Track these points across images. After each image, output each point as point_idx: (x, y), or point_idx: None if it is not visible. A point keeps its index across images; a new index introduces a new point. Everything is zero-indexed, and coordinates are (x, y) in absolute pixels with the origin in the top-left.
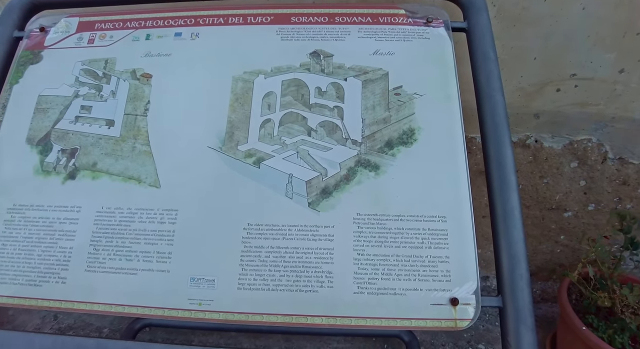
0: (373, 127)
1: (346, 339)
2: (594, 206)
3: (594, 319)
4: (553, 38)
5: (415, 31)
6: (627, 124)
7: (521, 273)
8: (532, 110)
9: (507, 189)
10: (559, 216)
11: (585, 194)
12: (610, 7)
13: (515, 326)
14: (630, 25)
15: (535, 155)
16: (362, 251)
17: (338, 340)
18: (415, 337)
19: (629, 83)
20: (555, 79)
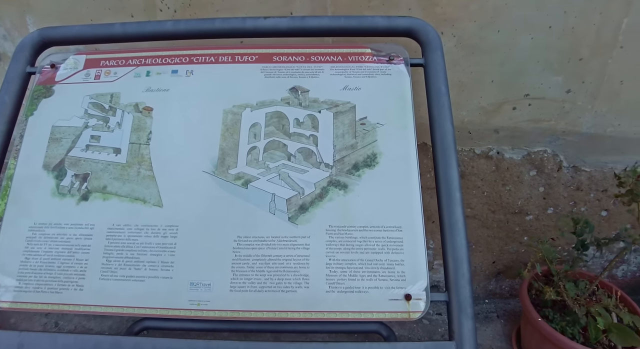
0: (342, 152)
1: (330, 336)
2: (552, 209)
3: (550, 312)
4: (507, 63)
5: (379, 68)
6: (576, 137)
7: (463, 273)
8: (492, 126)
9: (452, 204)
10: (522, 219)
11: (544, 199)
12: (555, 36)
13: (458, 316)
14: (573, 52)
15: (497, 165)
16: (332, 256)
17: (322, 337)
18: (393, 332)
19: (576, 101)
20: (511, 99)
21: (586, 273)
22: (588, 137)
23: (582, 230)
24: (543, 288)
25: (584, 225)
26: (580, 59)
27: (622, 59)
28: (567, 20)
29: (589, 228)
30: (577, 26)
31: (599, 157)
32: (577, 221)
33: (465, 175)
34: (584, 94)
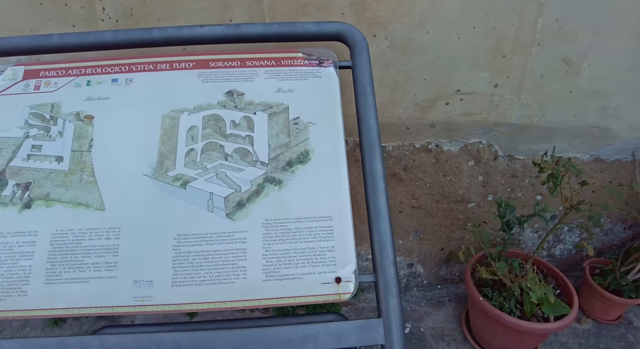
0: (277, 150)
1: None
2: (492, 196)
3: (490, 291)
4: (437, 62)
5: (310, 71)
6: (507, 127)
7: (388, 255)
8: (429, 121)
9: (377, 193)
10: (464, 207)
11: (484, 187)
12: (480, 36)
13: (385, 295)
14: (497, 50)
15: (437, 157)
16: (269, 248)
17: None
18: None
19: (503, 95)
20: (443, 95)
21: (522, 253)
22: (517, 128)
23: (504, 212)
24: (479, 269)
25: (505, 207)
26: (504, 55)
27: (541, 55)
28: (488, 21)
29: (509, 210)
30: (498, 26)
31: (529, 145)
32: (500, 204)
33: (408, 168)
34: (510, 88)
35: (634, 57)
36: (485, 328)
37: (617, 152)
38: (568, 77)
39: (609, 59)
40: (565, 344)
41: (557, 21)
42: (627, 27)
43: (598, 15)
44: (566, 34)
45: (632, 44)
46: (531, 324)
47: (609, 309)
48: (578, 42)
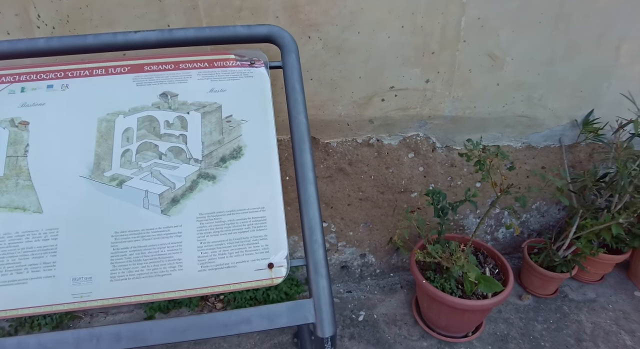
0: (210, 147)
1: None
2: (433, 185)
3: (432, 273)
4: (371, 61)
5: (242, 72)
6: (441, 120)
7: (316, 239)
8: (367, 117)
9: (306, 182)
10: (408, 197)
11: (425, 177)
12: (408, 35)
13: (314, 277)
14: (425, 47)
15: (378, 151)
16: (203, 240)
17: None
18: None
19: (435, 89)
20: (379, 92)
21: (462, 236)
22: (451, 120)
23: (437, 200)
24: (419, 253)
25: (436, 196)
26: (433, 52)
27: (467, 51)
28: (415, 21)
29: (441, 197)
30: (425, 25)
31: (465, 135)
32: (428, 194)
33: (352, 162)
34: (440, 83)
35: (551, 51)
36: (431, 309)
37: (546, 139)
38: (494, 71)
39: (529, 53)
40: (508, 320)
41: (479, 19)
42: (542, 24)
43: (515, 13)
44: (488, 30)
45: (548, 39)
46: (468, 302)
47: (546, 284)
48: (500, 37)
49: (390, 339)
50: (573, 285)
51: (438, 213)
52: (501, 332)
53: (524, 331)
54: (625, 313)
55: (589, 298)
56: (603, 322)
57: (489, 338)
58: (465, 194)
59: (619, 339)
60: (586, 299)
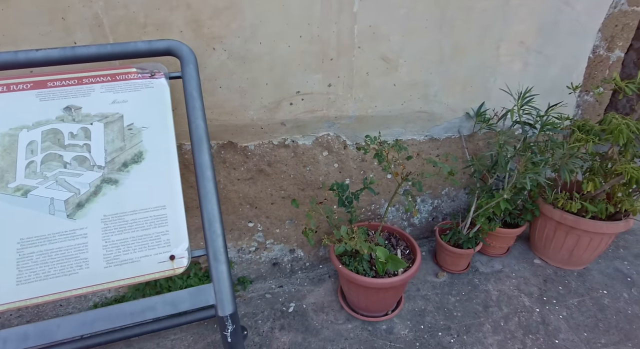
0: (113, 154)
1: (182, 329)
2: (349, 180)
3: (347, 259)
4: (275, 68)
5: (143, 83)
6: (347, 120)
7: (215, 230)
8: (278, 120)
9: (205, 179)
10: (327, 192)
11: (340, 172)
12: (307, 43)
13: (214, 263)
14: (324, 54)
15: (295, 151)
16: (108, 239)
17: (175, 332)
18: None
19: (337, 92)
20: (286, 97)
21: (375, 224)
22: (356, 119)
23: (341, 191)
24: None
25: (339, 188)
26: (331, 58)
27: (363, 56)
28: (312, 30)
29: (343, 188)
30: (321, 34)
31: (372, 132)
32: (336, 186)
33: (271, 163)
34: (342, 86)
35: (439, 52)
36: (350, 292)
37: (446, 130)
38: (389, 73)
39: (420, 55)
40: (426, 296)
41: (371, 27)
42: (428, 29)
43: (403, 20)
44: (380, 36)
45: (435, 41)
46: (378, 280)
47: (457, 260)
48: (391, 42)
49: (318, 325)
50: (483, 260)
51: (343, 203)
52: (419, 308)
53: (439, 304)
54: (525, 279)
55: (496, 269)
56: (507, 289)
57: (408, 314)
58: (364, 182)
59: (519, 301)
60: (494, 271)
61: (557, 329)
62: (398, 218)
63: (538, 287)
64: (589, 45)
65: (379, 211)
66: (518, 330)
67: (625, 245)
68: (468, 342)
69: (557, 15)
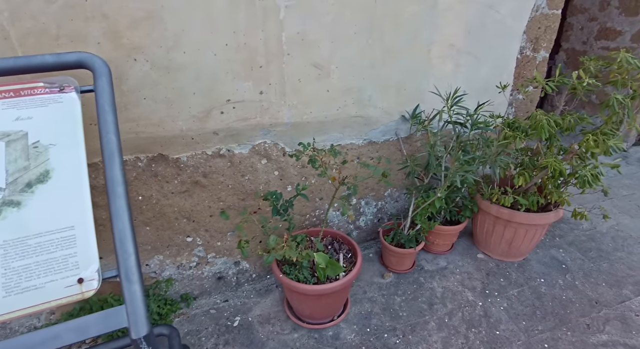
0: (15, 174)
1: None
2: (290, 187)
3: (288, 267)
4: (202, 77)
5: (51, 98)
6: (283, 127)
7: (127, 249)
8: (210, 130)
9: (116, 196)
10: (263, 202)
11: (281, 180)
12: (233, 51)
13: (126, 284)
14: (252, 62)
15: (231, 161)
16: (8, 266)
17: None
18: (174, 329)
19: (270, 99)
20: (216, 106)
21: (318, 230)
22: (292, 126)
23: (276, 199)
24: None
25: (272, 196)
26: (261, 66)
27: (293, 63)
28: (238, 38)
29: (276, 197)
30: (247, 42)
31: (309, 139)
32: (270, 194)
33: (207, 174)
34: (274, 93)
35: (371, 57)
36: (294, 301)
37: (384, 134)
38: (322, 79)
39: (351, 61)
40: (372, 298)
41: (299, 34)
42: (358, 34)
43: (331, 26)
44: (309, 43)
45: (366, 47)
46: (316, 287)
47: (401, 260)
48: (321, 49)
49: (264, 337)
50: (428, 257)
51: (277, 211)
52: (365, 310)
53: (386, 305)
54: (469, 274)
55: (441, 266)
56: (451, 285)
57: (354, 318)
58: (297, 189)
59: (463, 296)
60: (439, 268)
61: (498, 321)
62: (344, 222)
63: (481, 281)
64: (516, 46)
65: (323, 215)
66: (462, 325)
67: (561, 234)
68: (413, 341)
69: (483, 19)
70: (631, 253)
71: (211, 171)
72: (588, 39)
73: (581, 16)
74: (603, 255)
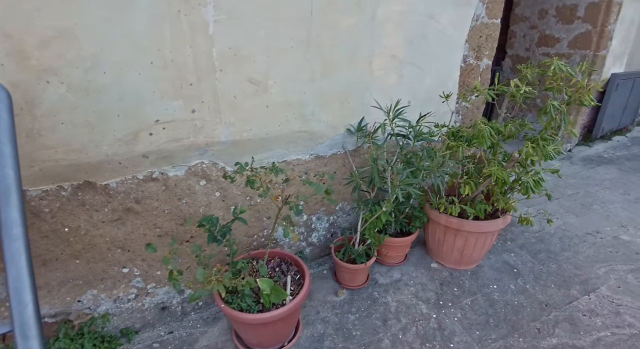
0: None
1: None
2: (234, 207)
3: (229, 296)
4: (126, 98)
5: None
6: (221, 145)
7: (23, 300)
8: (139, 153)
9: (11, 239)
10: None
11: (224, 201)
12: (160, 69)
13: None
14: (182, 79)
15: (166, 184)
16: None
17: None
18: None
19: (204, 118)
20: (144, 127)
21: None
22: (232, 144)
23: (211, 225)
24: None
25: (208, 221)
26: (191, 84)
27: (226, 79)
28: (164, 56)
29: (212, 222)
30: (175, 59)
31: (251, 157)
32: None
33: (140, 200)
34: (208, 111)
35: (310, 70)
36: (239, 330)
37: (331, 148)
38: (260, 94)
39: (290, 75)
40: (325, 319)
41: (231, 49)
42: (295, 48)
43: (265, 40)
44: (243, 58)
45: (304, 60)
46: (258, 315)
47: (354, 276)
48: (257, 64)
49: None
50: (382, 270)
51: (214, 238)
52: (318, 332)
53: (339, 325)
54: (423, 285)
55: (395, 279)
56: (405, 298)
57: (306, 342)
58: (233, 213)
59: (417, 309)
60: (393, 281)
61: (452, 333)
62: (289, 243)
63: (435, 292)
64: (459, 55)
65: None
66: (416, 341)
67: (512, 237)
68: None
69: (424, 29)
70: (577, 252)
71: (144, 196)
72: (530, 45)
73: (523, 24)
74: (552, 256)
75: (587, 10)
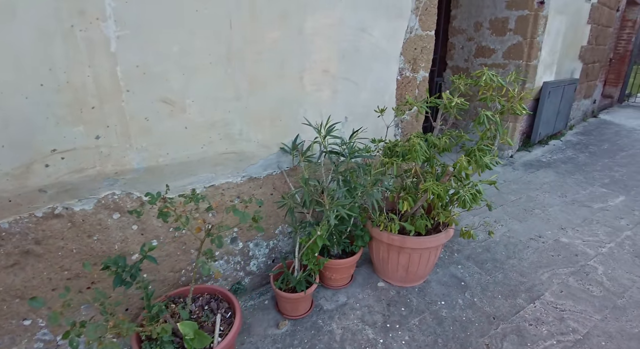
0: None
1: None
2: (156, 241)
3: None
4: (12, 126)
5: None
6: (134, 173)
7: None
8: (34, 187)
9: None
10: (129, 260)
11: (143, 234)
12: (52, 93)
13: None
14: (81, 103)
15: (71, 220)
16: None
17: None
18: None
19: (111, 144)
20: (38, 158)
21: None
22: (147, 171)
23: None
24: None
25: (114, 264)
26: (93, 107)
27: (135, 100)
28: (57, 77)
29: (120, 262)
30: (71, 80)
31: (174, 182)
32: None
33: (41, 241)
34: (115, 136)
35: (234, 87)
36: None
37: (265, 168)
38: (176, 115)
39: (211, 93)
40: None
41: (139, 67)
42: (214, 64)
43: (179, 56)
44: (154, 76)
45: (226, 77)
46: None
47: (295, 305)
48: (171, 82)
49: None
50: (327, 294)
51: (121, 281)
52: None
53: None
54: (369, 307)
55: (341, 303)
56: (351, 324)
57: None
58: (142, 251)
59: (364, 335)
60: (338, 305)
61: None
62: (231, 270)
63: (382, 314)
64: (395, 68)
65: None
66: None
67: (459, 248)
68: None
69: (356, 43)
70: (522, 259)
71: (46, 236)
72: (469, 57)
73: (461, 36)
74: (498, 265)
75: (517, 23)
